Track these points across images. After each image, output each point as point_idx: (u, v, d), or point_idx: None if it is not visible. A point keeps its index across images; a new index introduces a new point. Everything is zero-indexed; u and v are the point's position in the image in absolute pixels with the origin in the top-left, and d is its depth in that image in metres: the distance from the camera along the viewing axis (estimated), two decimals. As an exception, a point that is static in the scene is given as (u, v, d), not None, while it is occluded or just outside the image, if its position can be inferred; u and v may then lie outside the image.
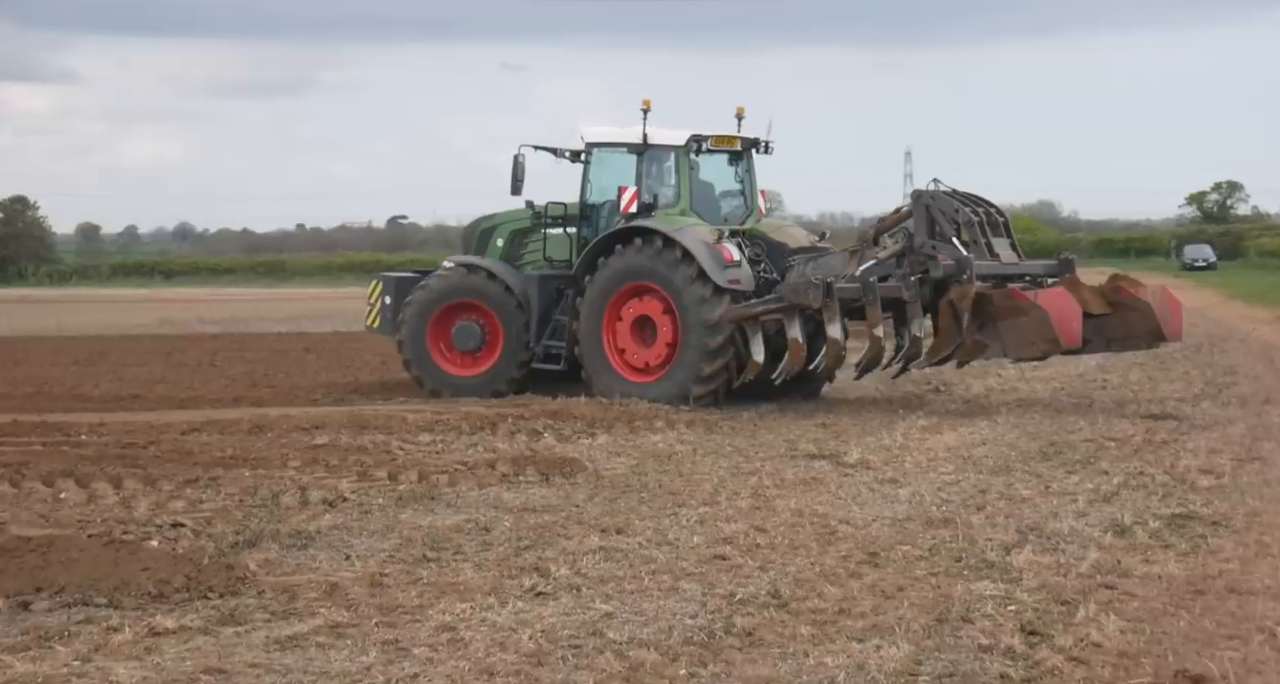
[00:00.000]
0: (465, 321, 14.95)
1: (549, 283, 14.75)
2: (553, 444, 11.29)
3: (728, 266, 13.66)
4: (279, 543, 7.53)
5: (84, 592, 6.26)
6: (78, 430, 11.55)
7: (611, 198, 14.66)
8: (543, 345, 14.69)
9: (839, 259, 13.85)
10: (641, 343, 14.08)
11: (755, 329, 13.42)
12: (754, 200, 15.04)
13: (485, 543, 7.61)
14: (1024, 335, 12.62)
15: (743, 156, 14.99)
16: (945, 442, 11.28)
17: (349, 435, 11.50)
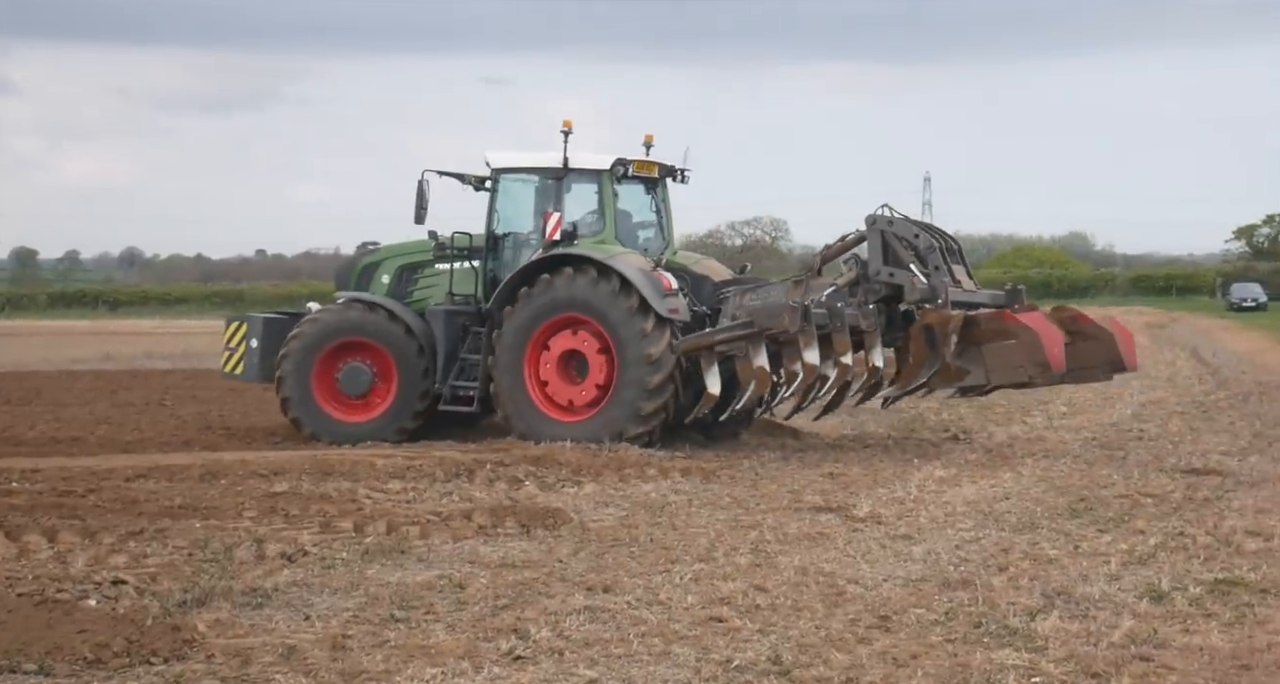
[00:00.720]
0: (354, 363, 14.87)
1: (455, 319, 14.72)
2: (535, 493, 11.30)
3: (667, 295, 13.93)
4: (231, 602, 7.50)
5: (11, 657, 6.22)
6: (8, 477, 11.50)
7: (520, 227, 14.90)
8: (450, 386, 14.64)
9: (781, 289, 14.11)
10: (567, 379, 14.18)
11: (711, 360, 13.69)
12: (670, 231, 15.41)
13: (459, 602, 7.60)
14: (1012, 359, 13.05)
15: (658, 185, 15.31)
16: (964, 495, 11.30)
17: (311, 482, 11.49)
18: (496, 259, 14.85)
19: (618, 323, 13.82)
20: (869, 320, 13.40)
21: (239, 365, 15.47)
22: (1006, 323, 13.19)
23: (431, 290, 15.16)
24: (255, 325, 15.38)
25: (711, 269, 15.05)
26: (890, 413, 17.23)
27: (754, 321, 13.61)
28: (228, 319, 15.90)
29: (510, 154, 14.92)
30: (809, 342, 13.35)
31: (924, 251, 13.55)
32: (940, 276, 13.49)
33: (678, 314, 13.92)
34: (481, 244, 14.87)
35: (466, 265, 14.93)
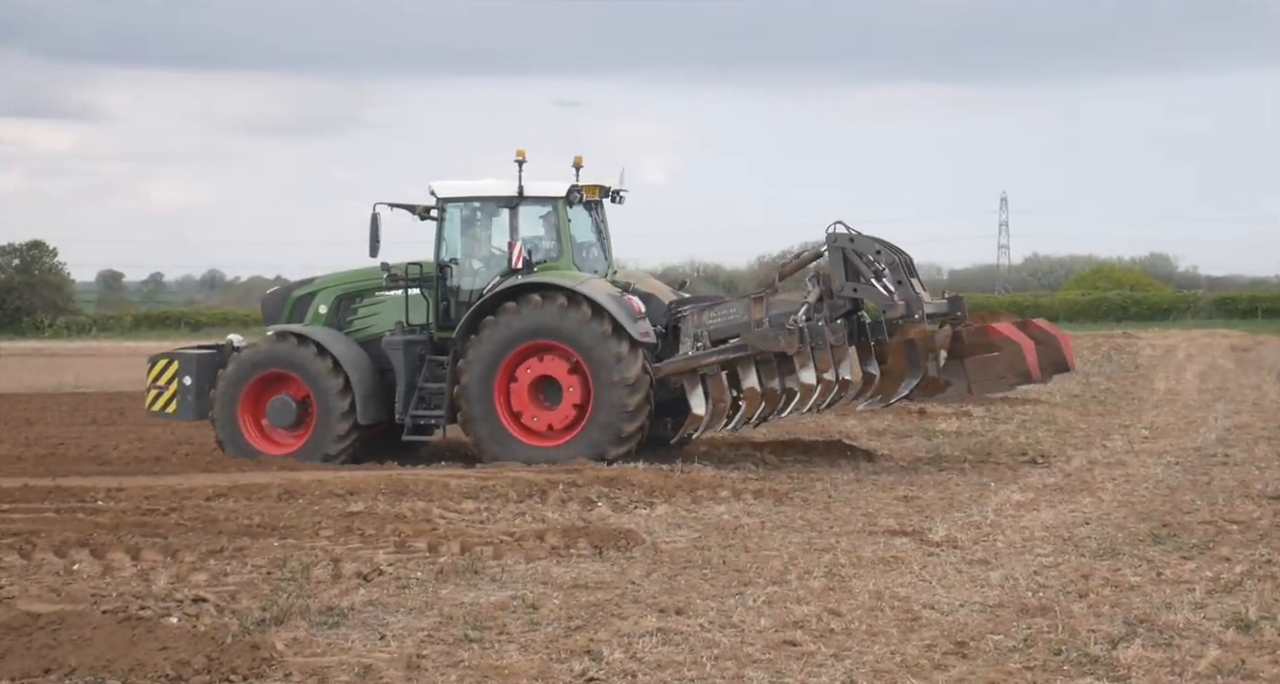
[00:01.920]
0: (280, 395, 14.84)
1: (411, 348, 14.71)
2: (607, 514, 11.31)
3: (638, 319, 14.16)
4: (309, 620, 7.59)
5: (96, 674, 6.35)
6: (94, 496, 11.76)
7: (463, 255, 15.01)
8: (410, 416, 14.66)
9: (740, 306, 14.35)
10: (540, 405, 14.32)
11: (695, 381, 14.01)
12: (610, 252, 15.59)
13: (532, 622, 7.62)
14: (994, 369, 13.77)
15: (598, 207, 15.48)
16: (1043, 520, 11.12)
17: (386, 502, 11.60)
18: (447, 287, 14.96)
19: (591, 348, 14.00)
20: (837, 335, 13.86)
21: (170, 404, 15.34)
22: (990, 336, 13.80)
23: (374, 319, 15.23)
24: (187, 362, 15.31)
25: (656, 288, 15.31)
26: (965, 436, 17.04)
27: (747, 343, 13.89)
28: (152, 358, 15.74)
29: (453, 183, 15.09)
30: (805, 361, 13.75)
31: (886, 267, 13.99)
32: (908, 291, 13.88)
33: (648, 337, 14.19)
34: (431, 273, 14.98)
35: (417, 293, 15.03)
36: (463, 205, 15.06)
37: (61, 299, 72.34)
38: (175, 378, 15.28)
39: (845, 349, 13.90)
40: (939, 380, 13.84)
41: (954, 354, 13.84)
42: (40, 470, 13.36)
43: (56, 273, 73.40)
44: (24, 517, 10.62)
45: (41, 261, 72.10)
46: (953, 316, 14.26)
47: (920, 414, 19.54)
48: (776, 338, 13.74)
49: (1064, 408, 20.91)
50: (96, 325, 70.89)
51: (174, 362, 15.36)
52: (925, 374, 13.77)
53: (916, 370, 13.79)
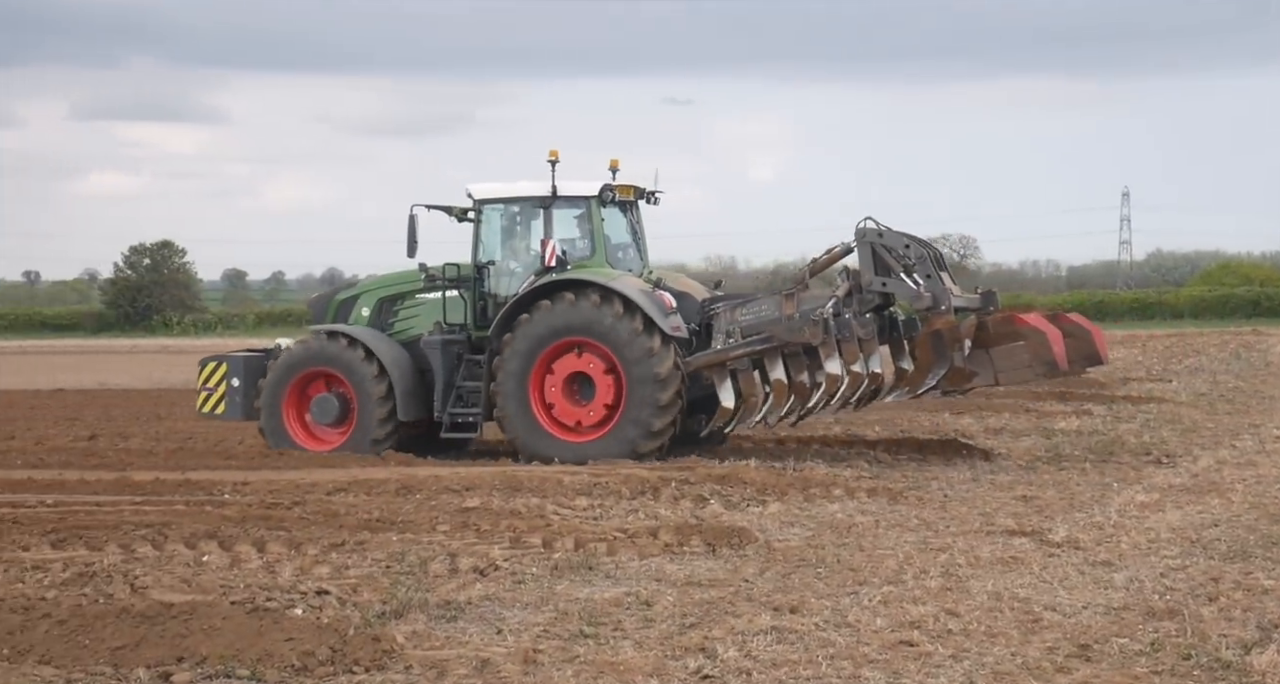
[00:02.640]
0: (324, 393, 15.15)
1: (449, 348, 14.97)
2: (720, 512, 11.30)
3: (669, 314, 14.34)
4: (427, 614, 7.72)
5: (226, 663, 6.53)
6: (221, 489, 12.11)
7: (501, 255, 15.23)
8: (449, 414, 14.91)
9: (773, 303, 14.48)
10: (573, 401, 14.50)
11: (724, 375, 14.18)
12: (645, 251, 15.69)
13: (647, 619, 7.65)
14: (1019, 359, 13.79)
15: (633, 207, 15.63)
16: (1169, 521, 10.82)
17: (501, 498, 11.74)
18: (484, 287, 15.19)
19: (624, 344, 14.17)
20: (866, 329, 13.96)
21: (219, 405, 15.70)
22: (1015, 325, 13.80)
23: (414, 320, 15.50)
24: (235, 365, 15.68)
25: (690, 286, 15.47)
26: (1086, 435, 16.67)
27: (773, 336, 14.04)
28: (202, 360, 16.10)
29: (489, 185, 15.29)
30: (830, 352, 13.92)
31: (915, 261, 14.05)
32: (937, 284, 13.97)
33: (680, 332, 14.35)
34: (469, 274, 15.23)
35: (455, 294, 15.27)
36: (499, 207, 15.29)
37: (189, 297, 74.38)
38: (224, 379, 15.69)
39: (875, 343, 14.03)
40: (965, 370, 13.90)
41: (980, 344, 13.89)
42: (170, 464, 13.80)
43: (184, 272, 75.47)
44: (155, 509, 10.98)
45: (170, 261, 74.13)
46: (985, 312, 14.29)
47: (1038, 413, 19.17)
48: (801, 329, 13.92)
49: (1190, 407, 20.32)
50: (222, 323, 72.87)
51: (223, 364, 15.79)
52: (952, 364, 13.85)
53: (944, 361, 13.89)
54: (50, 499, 11.46)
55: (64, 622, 6.93)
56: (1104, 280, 73.39)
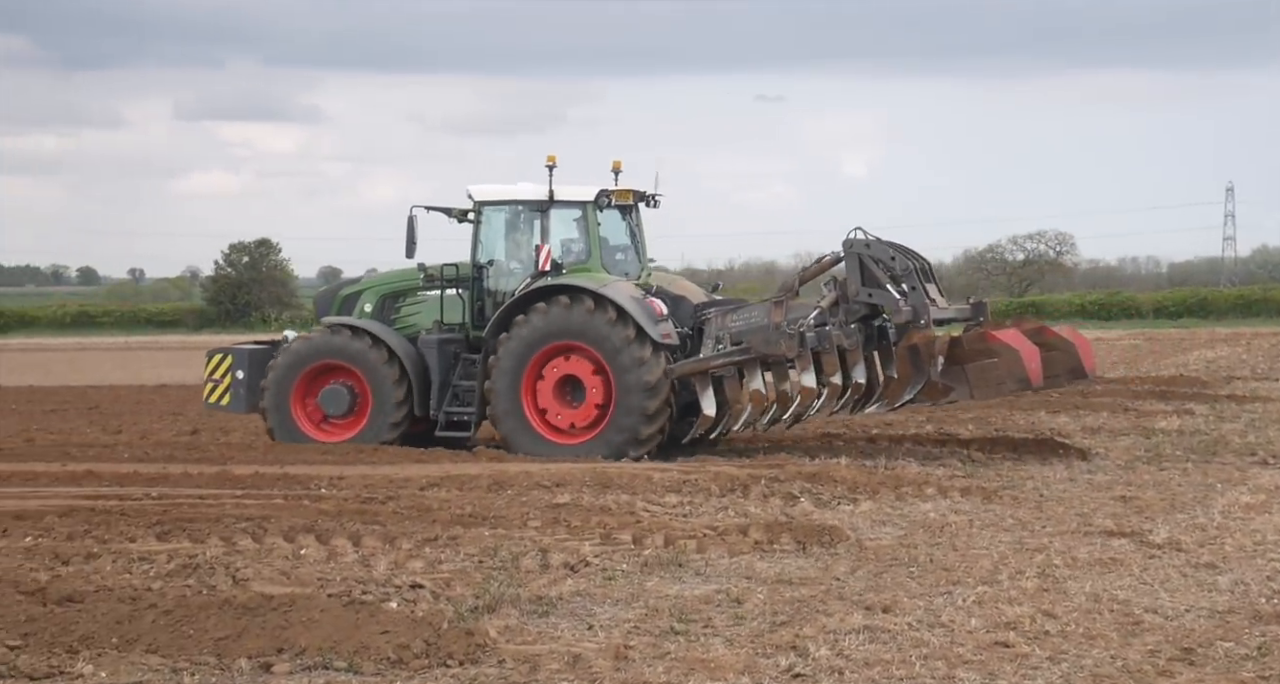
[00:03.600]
0: (333, 385, 15.28)
1: (446, 347, 15.17)
2: (810, 510, 11.24)
3: (659, 321, 14.53)
4: (519, 609, 7.80)
5: (325, 655, 6.65)
6: (318, 484, 12.33)
7: (499, 256, 15.43)
8: (444, 412, 15.09)
9: (762, 310, 14.65)
10: (565, 403, 14.69)
11: (706, 383, 14.35)
12: (644, 255, 15.87)
13: (737, 617, 7.65)
14: (994, 376, 13.97)
15: (632, 211, 15.76)
16: (1276, 523, 10.54)
17: (591, 494, 11.81)
18: (482, 288, 15.38)
19: (616, 350, 14.34)
20: (851, 339, 14.13)
21: (225, 396, 15.82)
22: (989, 342, 13.98)
23: (416, 318, 15.76)
24: (241, 357, 15.83)
25: (687, 289, 15.63)
26: (1187, 435, 16.29)
27: (750, 347, 14.22)
28: (209, 352, 16.29)
29: (489, 187, 15.48)
30: (805, 365, 14.12)
31: (900, 273, 14.19)
32: (919, 297, 14.08)
33: (670, 339, 14.50)
34: (468, 274, 15.39)
35: (453, 294, 15.47)
36: (498, 209, 15.49)
37: (286, 294, 75.71)
38: (230, 371, 15.85)
39: (859, 353, 14.17)
40: (941, 385, 14.12)
41: (955, 360, 14.08)
42: (269, 458, 14.08)
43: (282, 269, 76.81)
44: (255, 503, 11.22)
45: (269, 259, 75.54)
46: (975, 322, 14.50)
47: (1137, 412, 18.78)
48: (778, 342, 14.10)
49: (1296, 405, 19.75)
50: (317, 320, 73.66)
51: (229, 356, 15.99)
52: (928, 379, 14.06)
53: (921, 375, 14.10)
54: (155, 492, 11.78)
55: (169, 612, 7.12)
56: (1207, 277, 71.46)
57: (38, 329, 59.67)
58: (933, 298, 14.22)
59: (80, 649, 6.62)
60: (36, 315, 62.09)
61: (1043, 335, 14.41)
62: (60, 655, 6.53)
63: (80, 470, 13.01)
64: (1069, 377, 14.58)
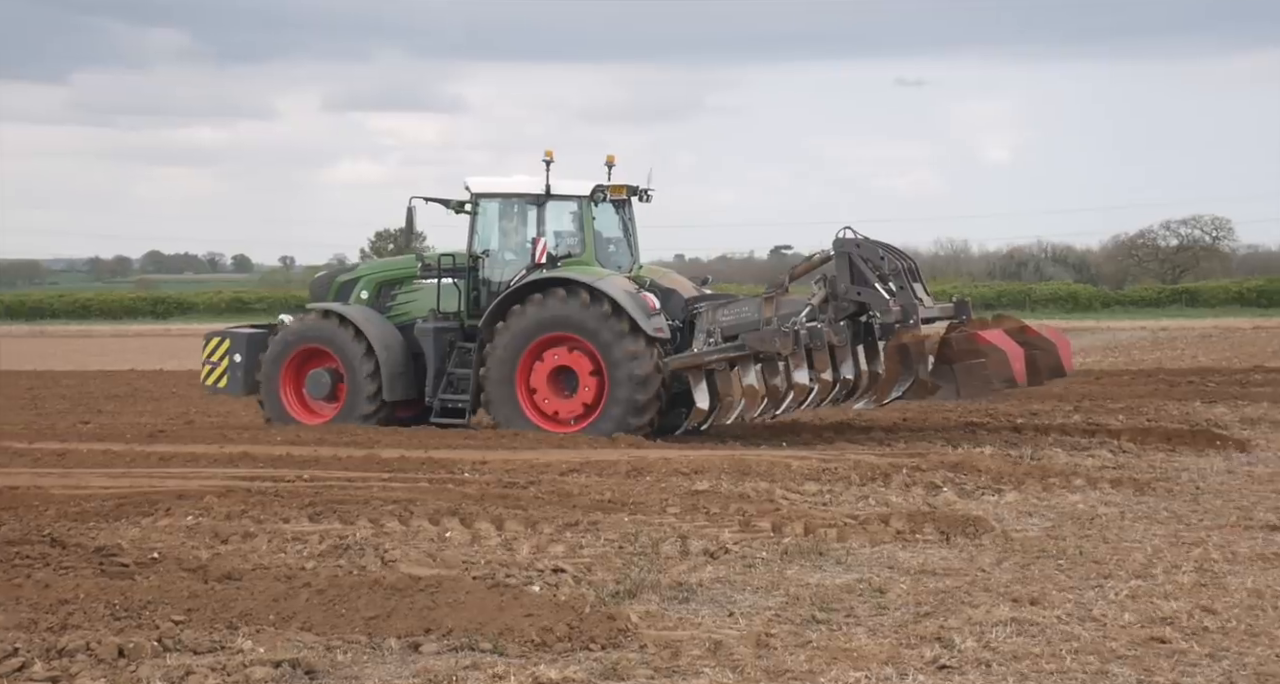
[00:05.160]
0: (318, 369, 15.80)
1: (442, 335, 15.53)
2: (953, 500, 11.05)
3: (652, 315, 14.81)
4: (660, 594, 7.82)
5: (470, 636, 6.76)
6: (461, 468, 12.55)
7: (494, 247, 15.79)
8: (439, 399, 15.51)
9: (753, 305, 14.88)
10: (558, 393, 15.11)
11: (699, 376, 14.64)
12: (636, 248, 16.17)
13: (880, 606, 7.56)
14: (980, 375, 14.24)
15: (625, 205, 16.08)
16: None
17: (730, 482, 11.79)
18: (478, 278, 15.71)
19: (609, 343, 14.69)
20: (840, 336, 14.38)
21: (222, 379, 16.28)
22: (976, 342, 14.24)
23: (411, 305, 16.05)
24: (238, 340, 16.25)
25: (678, 283, 15.86)
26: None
27: (745, 343, 14.45)
28: (207, 335, 16.72)
29: (486, 179, 15.85)
30: (799, 363, 14.40)
31: (888, 272, 14.51)
32: (907, 296, 14.40)
33: (662, 333, 14.82)
34: (464, 264, 15.70)
35: (449, 283, 15.72)
36: (495, 201, 15.79)
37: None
38: (227, 354, 16.30)
39: (847, 349, 14.49)
40: (929, 383, 14.45)
41: (944, 359, 14.39)
42: (414, 443, 14.38)
43: (424, 258, 77.94)
44: (402, 486, 11.48)
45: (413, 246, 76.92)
46: (958, 320, 14.77)
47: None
48: (772, 340, 14.34)
49: None
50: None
51: (226, 339, 16.48)
52: (916, 377, 14.40)
53: (909, 373, 14.44)
54: (306, 474, 12.13)
55: (322, 591, 7.33)
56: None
57: (195, 315, 61.96)
58: (919, 297, 14.57)
59: (239, 625, 6.85)
60: (194, 301, 64.46)
61: (1024, 335, 14.76)
62: (221, 631, 6.77)
63: (237, 452, 13.47)
64: (1050, 374, 14.91)
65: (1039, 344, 14.64)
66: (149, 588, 7.43)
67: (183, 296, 66.40)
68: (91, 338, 48.97)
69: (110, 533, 9.41)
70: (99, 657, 6.32)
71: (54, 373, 28.04)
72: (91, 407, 20.47)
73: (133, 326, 54.55)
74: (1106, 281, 64.87)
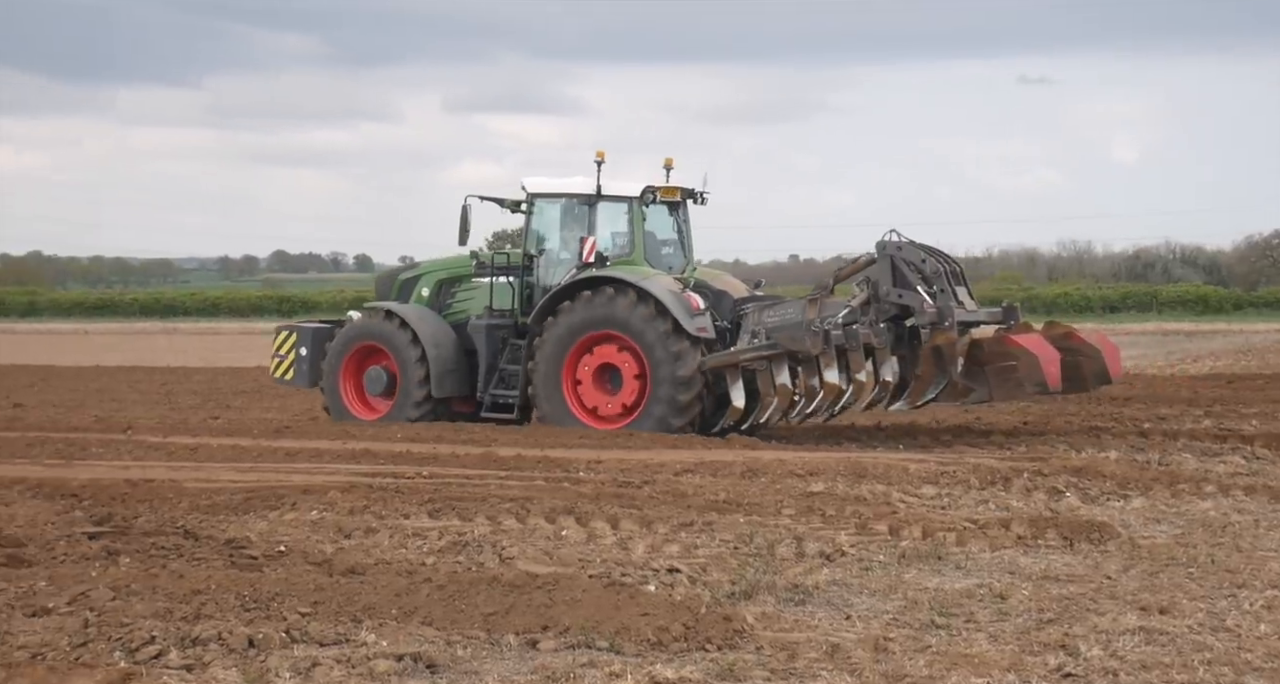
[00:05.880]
0: (376, 366, 16.26)
1: (494, 332, 15.94)
2: (1077, 505, 10.79)
3: (695, 315, 15.01)
4: (775, 596, 7.77)
5: (587, 634, 6.79)
6: (576, 467, 12.63)
7: (550, 247, 16.09)
8: (490, 395, 15.89)
9: (797, 307, 15.05)
10: (602, 389, 15.35)
11: (736, 375, 14.84)
12: (690, 250, 16.46)
13: (1001, 612, 7.41)
14: (1012, 378, 14.21)
15: (680, 207, 16.32)
16: None
17: (846, 484, 11.67)
18: (532, 276, 16.05)
19: (653, 343, 14.93)
20: (880, 338, 14.45)
21: (289, 371, 16.84)
22: (1008, 346, 14.27)
23: (469, 303, 16.44)
24: (304, 335, 16.86)
25: (730, 285, 16.06)
26: None
27: (778, 342, 14.64)
28: (276, 328, 17.33)
29: (542, 180, 16.15)
30: (829, 362, 14.49)
31: (930, 275, 14.52)
32: (946, 299, 14.40)
33: (705, 332, 14.96)
34: (518, 262, 16.09)
35: (503, 281, 16.10)
36: (550, 201, 16.11)
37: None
38: (294, 348, 16.86)
39: (887, 351, 14.49)
40: (962, 385, 14.44)
41: (976, 361, 14.37)
42: (530, 441, 14.52)
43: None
44: (518, 484, 11.59)
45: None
46: (1006, 325, 14.81)
47: None
48: (803, 339, 14.51)
49: None
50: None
51: (293, 333, 17.06)
52: (950, 379, 14.38)
53: (943, 376, 14.42)
54: (426, 471, 12.32)
55: (443, 587, 7.42)
56: None
57: (320, 313, 63.41)
58: (960, 300, 14.58)
59: (363, 618, 6.98)
60: (318, 300, 65.95)
61: (1068, 341, 14.74)
62: (346, 623, 6.90)
63: (359, 448, 13.74)
64: (1096, 381, 14.85)
65: (1083, 350, 14.61)
66: (277, 580, 7.61)
67: (307, 295, 67.98)
68: (220, 335, 50.45)
69: (239, 526, 9.66)
70: (230, 646, 6.49)
71: (186, 369, 28.94)
72: (221, 402, 21.09)
73: (259, 324, 55.96)
74: (1238, 283, 62.85)
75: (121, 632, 6.55)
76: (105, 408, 20.04)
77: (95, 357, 34.06)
